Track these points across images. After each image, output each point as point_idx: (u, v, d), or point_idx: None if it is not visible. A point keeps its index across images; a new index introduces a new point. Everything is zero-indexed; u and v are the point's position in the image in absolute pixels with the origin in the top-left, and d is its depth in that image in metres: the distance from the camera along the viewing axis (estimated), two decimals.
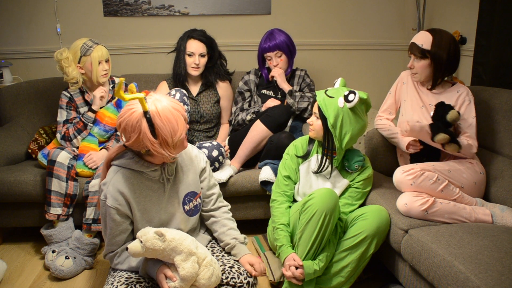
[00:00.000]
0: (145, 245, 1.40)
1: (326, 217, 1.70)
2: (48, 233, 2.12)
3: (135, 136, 1.41)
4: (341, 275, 1.80)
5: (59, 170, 2.12)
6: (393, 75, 2.49)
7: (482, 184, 1.96)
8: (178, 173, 1.63)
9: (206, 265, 1.47)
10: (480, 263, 1.39)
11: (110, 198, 1.49)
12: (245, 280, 1.56)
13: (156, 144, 1.42)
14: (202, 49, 2.53)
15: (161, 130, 1.41)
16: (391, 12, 3.34)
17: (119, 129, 1.45)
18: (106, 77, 2.33)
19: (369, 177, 1.96)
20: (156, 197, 1.58)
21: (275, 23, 3.09)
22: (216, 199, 1.77)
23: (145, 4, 3.04)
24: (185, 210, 1.64)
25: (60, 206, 2.13)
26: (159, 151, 1.43)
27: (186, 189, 1.64)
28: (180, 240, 1.43)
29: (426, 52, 1.97)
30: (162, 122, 1.40)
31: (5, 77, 2.80)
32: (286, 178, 2.00)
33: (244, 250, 1.68)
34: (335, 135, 1.82)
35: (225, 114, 2.73)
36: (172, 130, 1.42)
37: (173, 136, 1.43)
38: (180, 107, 1.47)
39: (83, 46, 2.25)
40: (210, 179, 1.75)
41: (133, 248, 1.42)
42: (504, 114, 2.03)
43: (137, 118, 1.40)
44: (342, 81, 1.94)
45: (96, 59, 2.25)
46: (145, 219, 1.57)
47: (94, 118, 2.31)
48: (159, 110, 1.41)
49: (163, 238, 1.41)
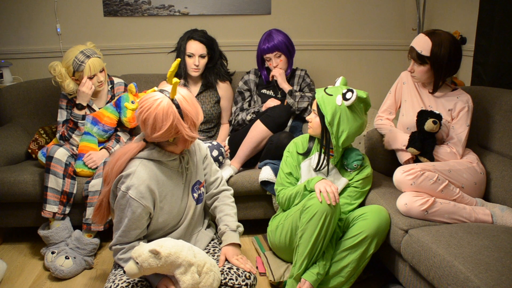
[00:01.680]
0: (141, 266, 1.38)
1: (327, 217, 1.70)
2: (45, 234, 2.12)
3: (168, 124, 1.45)
4: (341, 275, 1.80)
5: (56, 167, 2.11)
6: (393, 75, 2.49)
7: (482, 184, 1.96)
8: (189, 163, 1.68)
9: (207, 271, 1.47)
10: (480, 263, 1.39)
11: (133, 189, 1.47)
12: (243, 282, 1.55)
13: (186, 128, 1.49)
14: (202, 50, 2.53)
15: (189, 113, 1.49)
16: (391, 12, 3.34)
17: (146, 123, 1.46)
18: (101, 87, 2.31)
19: (368, 176, 1.96)
20: (175, 187, 1.61)
21: (275, 23, 3.09)
22: (220, 182, 1.83)
23: (145, 4, 3.04)
24: (194, 198, 1.68)
25: (56, 203, 2.11)
26: (189, 134, 1.50)
27: (195, 178, 1.70)
28: (177, 253, 1.41)
29: (425, 58, 1.96)
30: (189, 106, 1.49)
31: (5, 77, 2.80)
32: (288, 175, 2.01)
33: (231, 238, 1.68)
34: (332, 133, 1.82)
35: (225, 114, 2.73)
36: (197, 112, 1.52)
37: (198, 117, 1.53)
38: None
39: (75, 61, 2.18)
40: (212, 166, 1.81)
41: (129, 270, 1.39)
42: (504, 114, 2.03)
43: (168, 106, 1.45)
44: (343, 80, 1.94)
45: (87, 74, 2.20)
46: (165, 209, 1.58)
47: (83, 115, 2.28)
48: (183, 95, 1.50)
49: (158, 256, 1.38)
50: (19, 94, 2.61)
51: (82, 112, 2.26)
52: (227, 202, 1.80)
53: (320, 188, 1.74)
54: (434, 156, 1.98)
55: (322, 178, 1.82)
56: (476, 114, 2.10)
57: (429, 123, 1.93)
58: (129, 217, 1.49)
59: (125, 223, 1.50)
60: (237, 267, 1.60)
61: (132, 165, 1.52)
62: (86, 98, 2.25)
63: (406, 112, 2.13)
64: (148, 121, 1.46)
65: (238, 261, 1.62)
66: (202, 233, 1.76)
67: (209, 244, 1.76)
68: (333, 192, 1.72)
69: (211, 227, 1.86)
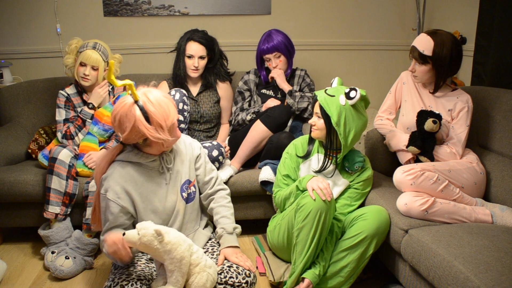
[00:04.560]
0: (141, 238, 1.42)
1: (322, 214, 1.70)
2: (46, 234, 2.12)
3: (130, 125, 1.47)
4: (341, 275, 1.80)
5: (60, 168, 2.11)
6: (393, 75, 2.49)
7: (482, 184, 1.96)
8: (176, 163, 1.68)
9: (199, 271, 1.48)
10: (480, 263, 1.39)
11: (110, 191, 1.54)
12: (243, 280, 1.56)
13: (151, 129, 1.49)
14: (202, 51, 2.53)
15: (154, 115, 1.49)
16: (391, 12, 3.34)
17: (114, 124, 1.52)
18: (85, 82, 2.30)
19: (368, 178, 1.96)
20: (157, 187, 1.62)
21: (275, 23, 3.09)
22: (214, 182, 1.82)
23: (145, 4, 3.04)
24: (183, 198, 1.69)
25: (59, 204, 2.12)
26: (155, 135, 1.50)
27: (184, 177, 1.70)
28: (176, 245, 1.44)
29: (427, 57, 1.96)
30: (154, 107, 1.49)
31: (5, 77, 2.80)
32: (285, 177, 2.00)
33: (229, 241, 1.70)
34: (340, 133, 1.82)
35: (225, 114, 2.73)
36: (164, 114, 1.51)
37: (166, 120, 1.51)
38: (170, 96, 1.57)
39: (84, 44, 2.30)
40: (206, 165, 1.81)
41: (129, 236, 1.43)
42: (504, 114, 2.03)
43: (129, 107, 1.48)
44: (339, 80, 1.94)
45: (80, 59, 2.27)
46: (150, 209, 1.61)
47: (92, 114, 2.31)
48: (150, 98, 1.50)
49: (160, 238, 1.42)
50: (19, 94, 2.61)
51: (92, 111, 2.32)
52: (223, 204, 1.79)
53: (312, 186, 1.74)
54: (434, 156, 1.98)
55: (313, 176, 1.82)
56: (476, 114, 2.10)
57: (429, 123, 1.93)
58: (109, 218, 1.56)
59: (107, 224, 1.57)
60: (237, 265, 1.60)
61: (110, 168, 1.59)
62: (99, 99, 2.33)
63: (406, 112, 2.13)
64: (115, 123, 1.52)
65: (237, 259, 1.63)
66: (199, 232, 1.77)
67: (207, 244, 1.77)
68: (325, 188, 1.73)
69: (209, 227, 1.86)
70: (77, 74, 2.29)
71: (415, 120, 2.00)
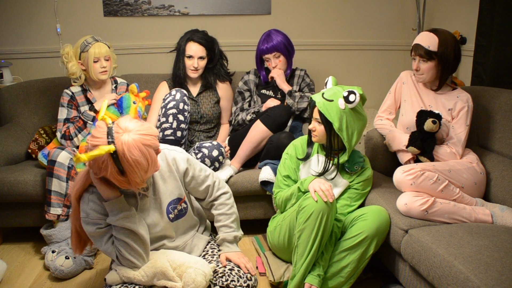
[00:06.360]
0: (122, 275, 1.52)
1: (324, 216, 1.70)
2: (48, 233, 2.13)
3: (102, 173, 1.35)
4: (341, 275, 1.79)
5: (59, 170, 2.11)
6: (393, 75, 2.49)
7: (482, 184, 1.96)
8: (158, 184, 1.57)
9: (185, 270, 1.49)
10: (480, 263, 1.39)
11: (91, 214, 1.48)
12: (244, 283, 1.55)
13: (124, 182, 1.36)
14: (202, 52, 2.52)
15: (129, 172, 1.33)
16: (391, 12, 3.34)
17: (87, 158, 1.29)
18: (105, 74, 2.32)
19: (368, 178, 1.96)
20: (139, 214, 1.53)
21: (275, 23, 3.09)
22: (212, 189, 1.71)
23: (145, 4, 3.04)
24: (170, 219, 1.61)
25: (60, 206, 2.13)
26: (126, 187, 1.39)
27: (169, 198, 1.59)
28: (153, 266, 1.51)
29: (433, 53, 1.96)
30: (130, 165, 1.31)
31: (5, 77, 2.80)
32: (285, 177, 2.00)
33: (229, 249, 1.69)
34: (343, 137, 1.82)
35: (225, 115, 2.73)
36: (142, 170, 1.34)
37: (143, 175, 1.36)
38: (151, 134, 1.36)
39: (83, 43, 2.28)
40: (199, 176, 1.66)
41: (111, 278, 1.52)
42: (504, 114, 2.03)
43: (103, 159, 1.31)
44: (334, 80, 1.93)
45: (92, 56, 2.25)
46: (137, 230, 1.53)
47: (94, 117, 2.31)
48: (126, 151, 1.30)
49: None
50: (19, 94, 2.61)
51: (94, 114, 2.31)
52: (223, 211, 1.72)
53: (314, 188, 1.74)
54: (434, 156, 1.99)
55: (315, 177, 1.82)
56: (476, 114, 2.10)
57: (429, 123, 1.93)
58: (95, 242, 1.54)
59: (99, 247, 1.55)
60: (238, 268, 1.60)
61: (82, 203, 1.49)
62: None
63: (406, 112, 2.13)
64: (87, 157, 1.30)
65: (239, 260, 1.63)
66: (197, 237, 1.75)
67: (207, 247, 1.76)
68: (327, 189, 1.73)
69: (207, 230, 1.85)
70: (94, 72, 2.28)
71: (414, 120, 2.01)
